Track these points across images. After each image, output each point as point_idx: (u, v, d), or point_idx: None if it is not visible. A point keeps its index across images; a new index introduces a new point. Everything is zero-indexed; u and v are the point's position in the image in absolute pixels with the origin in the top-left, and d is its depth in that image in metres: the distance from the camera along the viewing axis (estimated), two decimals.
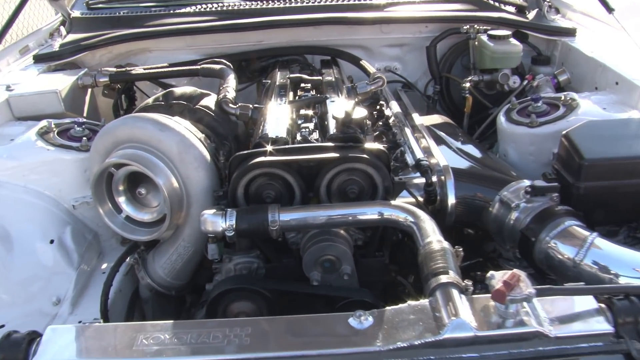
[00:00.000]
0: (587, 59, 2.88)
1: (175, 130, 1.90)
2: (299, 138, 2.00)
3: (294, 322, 1.40)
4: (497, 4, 3.38)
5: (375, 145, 1.84)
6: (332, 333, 1.33)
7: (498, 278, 1.33)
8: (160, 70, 2.83)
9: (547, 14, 3.35)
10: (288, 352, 1.26)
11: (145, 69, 2.84)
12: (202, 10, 3.29)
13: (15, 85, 2.69)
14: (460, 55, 3.33)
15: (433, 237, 1.58)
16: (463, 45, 3.30)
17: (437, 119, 2.71)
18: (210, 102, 2.32)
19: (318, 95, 2.40)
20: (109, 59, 3.18)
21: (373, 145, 1.83)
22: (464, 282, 1.42)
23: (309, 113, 2.21)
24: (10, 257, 2.04)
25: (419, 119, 2.58)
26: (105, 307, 2.03)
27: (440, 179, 2.08)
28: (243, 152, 1.81)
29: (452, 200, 2.04)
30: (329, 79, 2.66)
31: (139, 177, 1.88)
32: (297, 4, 3.32)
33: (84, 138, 2.30)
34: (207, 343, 1.27)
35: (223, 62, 2.74)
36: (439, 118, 2.74)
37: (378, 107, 2.56)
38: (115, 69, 2.87)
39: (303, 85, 2.55)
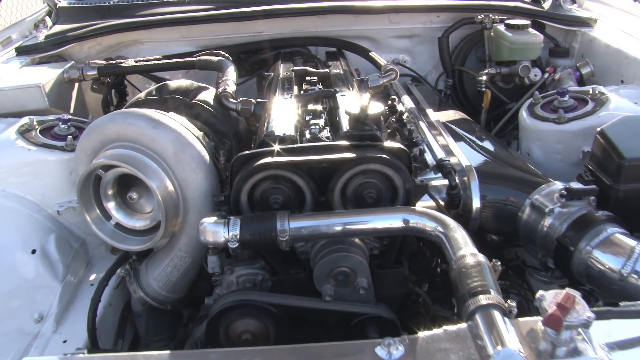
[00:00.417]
0: (611, 50, 2.70)
1: (170, 128, 1.74)
2: (308, 136, 1.82)
3: (311, 352, 1.22)
4: None
5: (395, 144, 1.66)
6: None
7: (550, 300, 1.16)
8: (153, 63, 2.63)
9: (563, 4, 3.18)
10: None
11: (137, 62, 2.64)
12: None
13: None
14: (475, 47, 3.14)
15: (466, 249, 1.40)
16: (477, 36, 3.12)
17: (453, 115, 2.52)
18: (209, 96, 2.15)
19: (327, 89, 2.20)
20: (98, 52, 2.98)
21: (392, 144, 1.66)
22: (507, 302, 1.24)
23: (318, 108, 2.02)
24: None
25: (434, 115, 2.39)
26: (93, 325, 1.85)
27: (463, 181, 1.90)
28: (246, 151, 1.64)
29: (477, 204, 1.88)
30: (337, 72, 2.47)
31: (130, 180, 1.74)
32: None
33: (69, 136, 2.10)
34: None
35: (221, 53, 2.55)
36: (455, 114, 2.56)
37: (389, 102, 2.36)
38: (105, 62, 2.66)
39: (309, 79, 2.36)
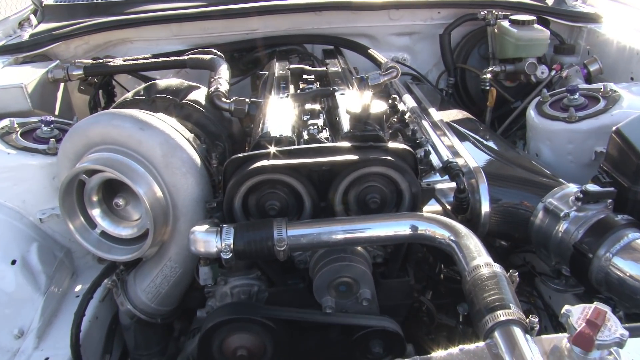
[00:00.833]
0: (620, 47, 2.61)
1: (158, 129, 1.64)
2: (306, 137, 1.73)
3: None
4: None
5: (400, 145, 1.57)
6: None
7: (578, 315, 1.05)
8: (143, 62, 2.52)
9: (567, 0, 3.07)
10: None
11: (125, 61, 2.52)
12: None
13: None
14: (478, 44, 3.04)
15: (480, 259, 1.30)
16: (480, 33, 3.02)
17: (456, 114, 2.42)
18: (200, 96, 2.05)
19: (325, 88, 2.09)
20: (86, 51, 2.86)
21: (397, 145, 1.56)
22: (528, 317, 1.13)
23: (316, 108, 1.93)
24: None
25: (437, 115, 2.28)
26: (77, 341, 1.75)
27: (471, 183, 1.79)
28: (240, 154, 1.54)
29: (486, 208, 1.78)
30: (335, 70, 2.37)
31: (116, 185, 1.66)
32: None
33: (52, 139, 1.99)
34: None
35: (213, 51, 2.45)
36: (459, 113, 2.45)
37: (390, 101, 2.25)
38: (92, 61, 2.53)
39: (306, 77, 2.26)
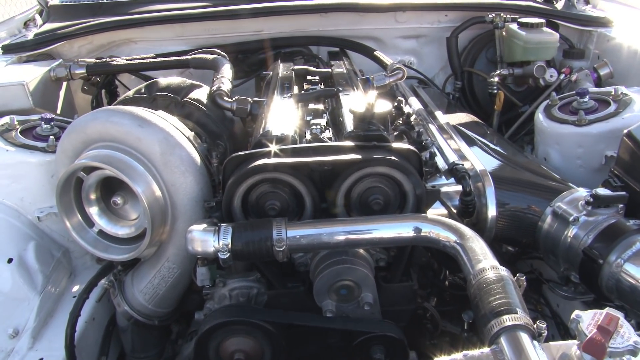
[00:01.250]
0: (631, 51, 2.56)
1: (158, 127, 1.61)
2: (309, 136, 1.69)
3: None
4: None
5: (405, 145, 1.52)
6: None
7: (589, 321, 1.00)
8: (145, 62, 2.49)
9: (576, 4, 3.04)
10: None
11: (128, 60, 2.49)
12: None
13: None
14: (485, 48, 3.00)
15: (486, 262, 1.26)
16: (488, 36, 2.98)
17: (463, 118, 2.37)
18: (202, 94, 2.02)
19: (329, 88, 2.05)
20: (89, 51, 2.84)
21: (402, 145, 1.51)
22: (536, 323, 1.08)
23: (319, 108, 1.89)
24: None
25: (444, 117, 2.24)
26: (72, 341, 1.72)
27: (478, 187, 1.74)
28: (241, 152, 1.50)
29: (492, 212, 1.72)
30: (340, 71, 2.33)
31: (115, 183, 1.63)
32: None
33: (51, 137, 1.96)
34: None
35: (217, 51, 2.42)
36: (466, 116, 2.41)
37: (396, 103, 2.21)
38: (94, 60, 2.51)
39: (310, 78, 2.23)
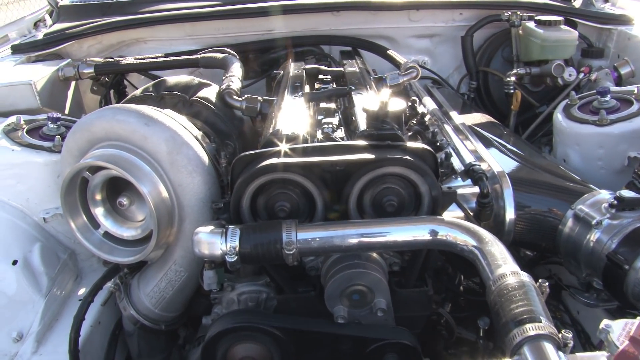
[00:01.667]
0: None
1: (165, 125, 1.57)
2: (321, 136, 1.64)
3: None
4: None
5: (420, 145, 1.46)
6: None
7: (619, 332, 0.94)
8: (154, 61, 2.46)
9: (594, 2, 2.96)
10: None
11: (137, 60, 2.46)
12: None
13: None
14: (501, 47, 2.93)
15: (506, 267, 1.20)
16: (503, 35, 2.92)
17: (479, 118, 2.31)
18: (211, 93, 1.98)
19: (341, 87, 2.00)
20: (99, 51, 2.82)
21: (417, 145, 1.45)
22: (561, 332, 1.02)
23: (331, 107, 1.84)
24: None
25: (459, 118, 2.18)
26: (75, 346, 1.68)
27: (495, 188, 1.68)
28: (250, 152, 1.46)
29: (510, 215, 1.66)
30: (353, 70, 2.27)
31: (121, 183, 1.59)
32: None
33: (58, 137, 1.92)
34: None
35: (227, 50, 2.38)
36: (482, 117, 2.35)
37: (410, 102, 2.16)
38: (103, 60, 2.48)
39: (322, 77, 2.18)
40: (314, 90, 2.05)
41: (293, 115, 1.76)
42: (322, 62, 2.64)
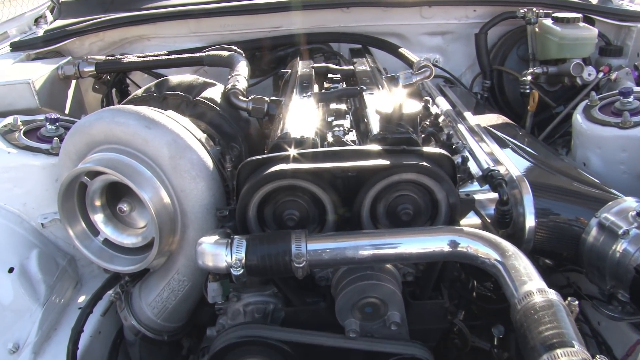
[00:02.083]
0: None
1: (166, 128, 1.50)
2: (331, 139, 1.57)
3: None
4: None
5: (437, 150, 1.39)
6: None
7: None
8: (157, 59, 2.39)
9: None
10: None
11: (140, 57, 2.38)
12: None
13: None
14: (516, 45, 2.86)
15: (532, 284, 1.12)
16: (519, 33, 2.85)
17: (495, 119, 2.22)
18: (215, 93, 1.91)
19: (351, 87, 1.92)
20: (101, 48, 2.77)
21: (433, 150, 1.38)
22: (596, 357, 0.95)
23: (342, 108, 1.76)
24: None
25: (474, 119, 2.09)
26: (73, 359, 1.57)
27: (514, 194, 1.60)
28: (256, 157, 1.38)
29: (530, 223, 1.58)
30: (363, 69, 2.19)
31: (121, 188, 1.53)
32: None
33: (56, 138, 1.85)
34: None
35: (232, 48, 2.31)
36: (497, 118, 2.26)
37: (422, 103, 2.07)
38: (104, 58, 2.40)
39: (331, 76, 2.11)
40: (323, 90, 1.97)
41: (302, 117, 1.68)
42: (331, 60, 2.57)
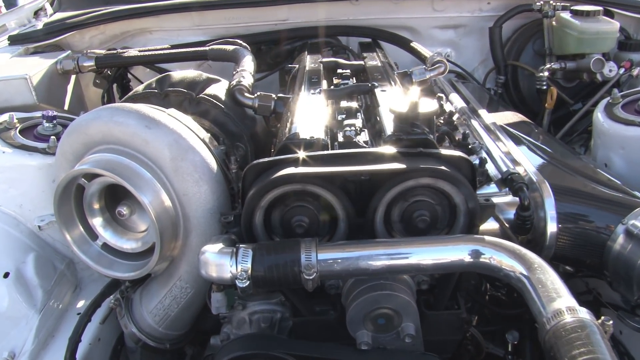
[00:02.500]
0: None
1: (168, 128, 1.43)
2: (342, 140, 1.48)
3: None
4: None
5: (455, 152, 1.31)
6: None
7: None
8: (159, 53, 2.31)
9: None
10: None
11: (141, 52, 2.31)
12: None
13: None
14: (532, 39, 2.77)
15: (561, 302, 1.05)
16: (535, 26, 2.76)
17: (510, 117, 2.13)
18: (220, 90, 1.82)
19: (363, 83, 1.83)
20: (102, 42, 2.69)
21: (452, 152, 1.30)
22: None
23: (353, 106, 1.68)
24: None
25: (489, 117, 2.00)
26: None
27: (534, 198, 1.51)
28: (263, 159, 1.30)
29: (552, 228, 1.49)
30: (374, 64, 2.11)
31: (121, 190, 1.45)
32: None
33: (53, 137, 1.78)
34: None
35: (238, 42, 2.23)
36: (513, 115, 2.16)
37: (435, 99, 1.99)
38: (105, 52, 2.33)
39: (340, 72, 2.02)
40: (333, 87, 1.89)
41: (311, 116, 1.59)
42: (340, 54, 2.50)
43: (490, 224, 1.47)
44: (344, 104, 1.69)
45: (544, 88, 2.47)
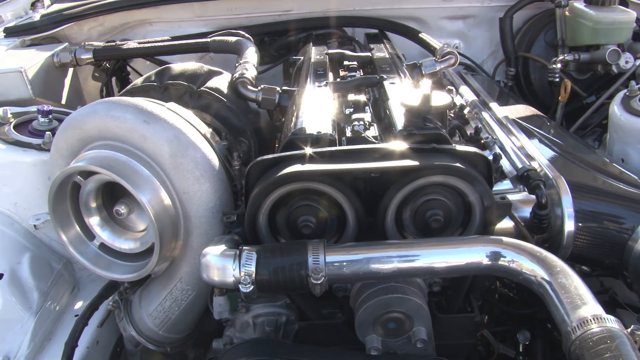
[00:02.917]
0: None
1: (167, 123, 1.38)
2: (350, 135, 1.43)
3: None
4: None
5: (470, 149, 1.25)
6: None
7: None
8: (159, 45, 2.26)
9: None
10: None
11: (141, 44, 2.25)
12: None
13: None
14: (544, 30, 2.70)
15: (586, 309, 0.99)
16: (546, 17, 2.70)
17: (523, 111, 2.06)
18: (222, 83, 1.78)
19: (371, 76, 1.77)
20: (100, 33, 2.65)
21: (467, 148, 1.25)
22: None
23: (361, 99, 1.62)
24: None
25: (502, 110, 1.94)
26: None
27: (550, 195, 1.46)
28: (268, 156, 1.24)
29: (570, 227, 1.43)
30: (382, 55, 2.04)
31: (118, 188, 1.41)
32: None
33: (48, 133, 1.73)
34: None
35: (240, 33, 2.19)
36: (526, 109, 2.09)
37: (445, 92, 1.93)
38: (103, 44, 2.27)
39: (347, 64, 1.97)
40: (339, 79, 1.82)
41: (317, 109, 1.53)
42: (346, 46, 2.44)
43: (504, 223, 1.41)
44: (352, 97, 1.63)
45: (557, 80, 2.41)
